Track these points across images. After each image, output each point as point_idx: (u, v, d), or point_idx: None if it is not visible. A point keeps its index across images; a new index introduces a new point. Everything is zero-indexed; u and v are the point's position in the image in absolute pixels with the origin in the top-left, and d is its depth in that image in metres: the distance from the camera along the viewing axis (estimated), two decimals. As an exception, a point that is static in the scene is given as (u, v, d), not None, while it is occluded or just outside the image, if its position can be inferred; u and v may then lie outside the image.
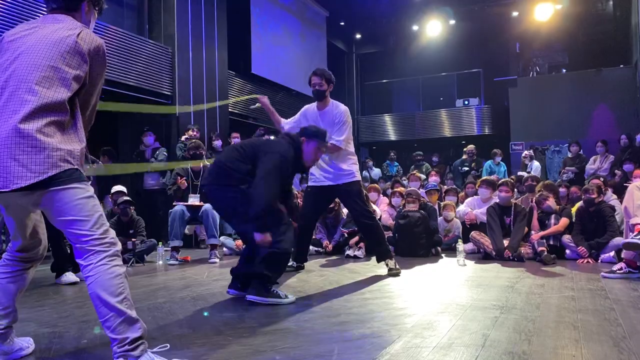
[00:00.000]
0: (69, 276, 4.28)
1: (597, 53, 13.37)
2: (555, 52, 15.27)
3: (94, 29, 2.21)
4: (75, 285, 4.19)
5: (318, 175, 4.40)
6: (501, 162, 10.24)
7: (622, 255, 4.14)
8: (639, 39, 10.79)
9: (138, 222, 5.67)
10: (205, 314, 3.00)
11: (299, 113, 4.51)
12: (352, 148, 4.42)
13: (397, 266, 4.35)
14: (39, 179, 1.78)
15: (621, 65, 12.73)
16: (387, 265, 4.34)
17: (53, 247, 4.24)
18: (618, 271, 3.98)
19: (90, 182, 1.97)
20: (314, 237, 5.79)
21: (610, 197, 5.87)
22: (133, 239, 5.44)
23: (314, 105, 4.42)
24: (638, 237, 3.81)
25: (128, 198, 5.67)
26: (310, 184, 4.52)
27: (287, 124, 4.47)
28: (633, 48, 11.82)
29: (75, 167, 1.88)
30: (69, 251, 4.47)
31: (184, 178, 5.74)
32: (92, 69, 1.98)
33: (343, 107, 4.35)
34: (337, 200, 5.61)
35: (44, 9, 2.09)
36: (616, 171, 7.92)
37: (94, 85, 2.02)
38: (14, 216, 1.99)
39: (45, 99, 1.83)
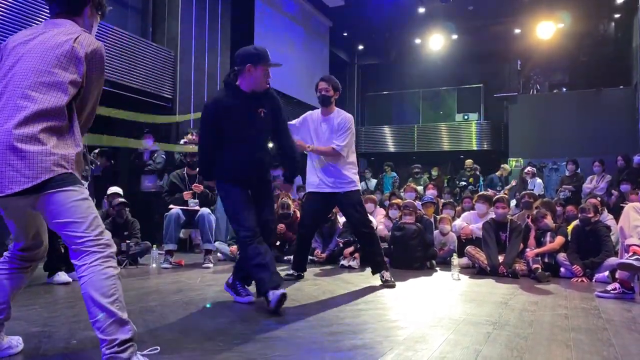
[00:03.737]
0: (62, 276, 4.26)
1: (597, 73, 13.47)
2: (556, 71, 15.39)
3: (97, 29, 2.21)
4: (67, 286, 4.17)
5: (319, 182, 4.37)
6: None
7: (617, 276, 4.13)
8: (639, 60, 10.87)
9: (133, 224, 5.66)
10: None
11: (301, 117, 4.49)
12: (354, 158, 4.41)
13: (392, 278, 4.34)
14: (33, 183, 1.79)
15: (621, 86, 12.83)
16: (382, 276, 4.34)
17: (46, 247, 4.22)
18: (612, 291, 3.97)
19: (87, 183, 1.97)
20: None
21: (607, 217, 5.88)
22: (127, 241, 5.42)
23: (318, 111, 4.41)
24: (633, 257, 3.80)
25: (123, 200, 5.66)
26: (310, 190, 4.49)
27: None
28: (633, 69, 11.91)
29: (70, 171, 1.88)
30: (62, 251, 4.45)
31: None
32: (89, 73, 1.98)
33: (347, 115, 4.36)
34: (334, 210, 5.59)
35: (46, 13, 2.10)
36: (613, 191, 7.93)
37: (91, 90, 2.02)
38: (13, 218, 2.00)
39: (42, 104, 1.84)
